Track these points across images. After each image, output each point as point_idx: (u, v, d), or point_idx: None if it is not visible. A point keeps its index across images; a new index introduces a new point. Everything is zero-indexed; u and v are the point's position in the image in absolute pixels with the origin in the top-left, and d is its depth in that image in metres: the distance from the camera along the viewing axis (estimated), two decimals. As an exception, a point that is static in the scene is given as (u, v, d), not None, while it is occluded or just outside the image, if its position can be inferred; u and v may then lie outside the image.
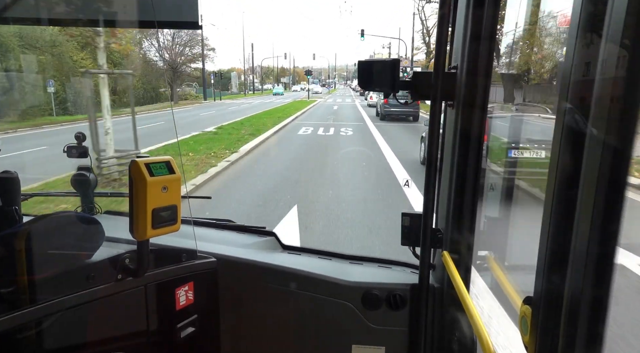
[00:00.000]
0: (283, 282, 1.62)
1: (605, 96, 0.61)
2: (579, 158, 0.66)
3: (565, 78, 0.70)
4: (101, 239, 1.34)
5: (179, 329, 1.47)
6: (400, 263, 1.73)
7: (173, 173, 1.21)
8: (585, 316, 0.66)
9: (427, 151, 1.37)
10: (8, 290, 1.16)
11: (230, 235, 1.94)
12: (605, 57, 0.61)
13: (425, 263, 1.45)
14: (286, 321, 1.68)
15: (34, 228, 1.26)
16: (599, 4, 0.63)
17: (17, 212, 1.56)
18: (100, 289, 1.27)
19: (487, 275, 2.05)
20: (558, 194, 0.72)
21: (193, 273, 1.52)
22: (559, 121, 0.71)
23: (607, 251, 0.63)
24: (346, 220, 6.15)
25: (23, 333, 1.13)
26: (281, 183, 8.67)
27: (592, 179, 0.62)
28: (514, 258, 1.68)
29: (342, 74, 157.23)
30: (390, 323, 1.56)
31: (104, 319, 1.32)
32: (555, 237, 0.72)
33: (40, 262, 1.21)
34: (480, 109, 1.30)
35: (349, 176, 9.52)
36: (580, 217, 0.65)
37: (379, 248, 5.05)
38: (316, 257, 1.80)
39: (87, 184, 1.92)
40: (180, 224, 1.25)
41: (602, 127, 0.61)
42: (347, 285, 1.57)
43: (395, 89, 1.38)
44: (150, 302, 1.40)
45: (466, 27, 1.28)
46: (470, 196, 1.37)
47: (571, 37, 0.69)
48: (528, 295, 0.81)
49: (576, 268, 0.66)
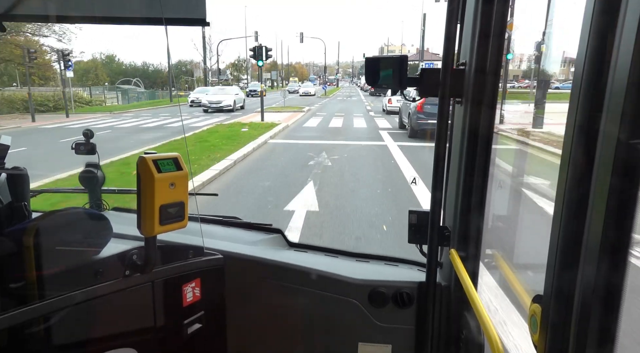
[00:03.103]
0: (290, 280, 1.62)
1: (618, 93, 0.60)
2: (592, 154, 0.65)
3: (577, 75, 0.69)
4: (109, 235, 1.35)
5: (186, 325, 1.48)
6: (407, 261, 1.72)
7: (181, 169, 1.21)
8: (597, 315, 0.65)
9: (435, 148, 1.36)
10: (17, 285, 1.17)
11: (236, 232, 1.94)
12: (619, 53, 0.60)
13: (433, 261, 1.44)
14: (292, 318, 1.68)
15: (42, 224, 1.27)
16: (611, 3, 0.62)
17: (27, 207, 1.57)
18: (108, 285, 1.27)
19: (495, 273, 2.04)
20: (569, 191, 0.70)
21: (200, 270, 1.52)
22: (571, 117, 0.70)
23: (620, 249, 0.62)
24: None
25: (32, 328, 1.14)
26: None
27: (605, 175, 0.61)
28: (523, 256, 1.67)
29: (347, 70, 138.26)
30: (397, 321, 1.56)
31: (112, 315, 1.33)
32: (566, 234, 0.71)
33: (48, 257, 1.21)
34: (489, 106, 1.29)
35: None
36: (592, 214, 0.64)
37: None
38: (322, 254, 1.80)
39: (94, 181, 1.93)
40: (187, 221, 1.25)
41: (615, 124, 0.60)
42: (354, 283, 1.57)
43: (402, 86, 1.38)
44: (157, 298, 1.41)
45: (475, 23, 1.27)
46: (478, 194, 1.36)
47: (584, 32, 0.68)
48: (538, 294, 0.80)
49: (588, 266, 0.65)
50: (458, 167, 1.39)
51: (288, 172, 8.99)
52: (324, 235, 5.29)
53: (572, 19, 0.88)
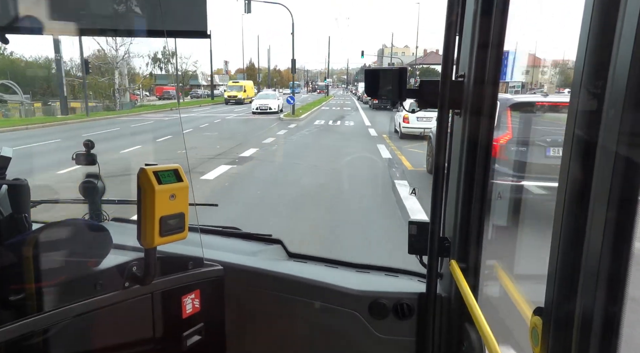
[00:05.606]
0: (289, 291, 1.62)
1: (617, 104, 0.60)
2: (591, 166, 0.65)
3: (575, 84, 0.70)
4: (109, 246, 1.34)
5: (185, 337, 1.47)
6: (408, 272, 1.72)
7: (181, 181, 1.21)
8: (599, 328, 0.65)
9: (435, 159, 1.37)
10: (16, 297, 1.16)
11: (236, 242, 1.93)
12: (617, 64, 0.61)
13: (433, 272, 1.44)
14: (293, 329, 1.67)
15: (42, 235, 1.26)
16: (610, 9, 0.63)
17: (27, 219, 1.57)
18: (108, 297, 1.26)
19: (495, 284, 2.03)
20: (569, 202, 0.71)
21: (200, 281, 1.51)
22: (570, 129, 0.71)
23: (621, 261, 0.62)
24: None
25: (31, 340, 1.13)
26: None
27: (604, 188, 0.62)
28: (523, 267, 1.67)
29: (341, 77, 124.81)
30: (398, 333, 1.55)
31: (111, 327, 1.32)
32: (567, 245, 0.71)
33: (48, 269, 1.21)
34: (488, 117, 1.30)
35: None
36: (592, 225, 0.65)
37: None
38: (322, 265, 1.79)
39: (95, 191, 1.93)
40: (187, 232, 1.25)
41: (614, 135, 0.61)
42: (354, 294, 1.56)
43: (402, 97, 1.40)
44: (156, 310, 1.40)
45: (474, 34, 1.28)
46: (478, 204, 1.36)
47: (582, 43, 0.69)
48: (539, 306, 0.80)
49: (589, 278, 0.65)
50: (458, 178, 1.39)
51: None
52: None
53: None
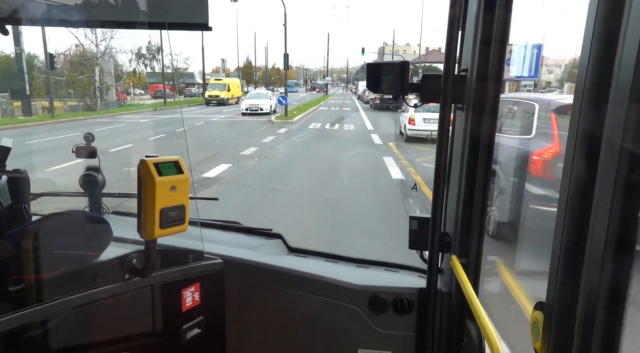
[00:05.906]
0: (289, 285, 1.61)
1: (622, 99, 0.60)
2: (595, 160, 0.64)
3: (580, 81, 0.69)
4: (109, 239, 1.34)
5: (185, 330, 1.47)
6: (408, 267, 1.71)
7: (181, 173, 1.21)
8: (600, 323, 0.65)
9: (436, 154, 1.36)
10: (16, 288, 1.16)
11: (236, 236, 1.93)
12: (623, 59, 0.60)
13: (433, 267, 1.44)
14: (292, 323, 1.67)
15: (42, 227, 1.26)
16: (616, 4, 0.62)
17: (27, 210, 1.57)
18: (108, 289, 1.26)
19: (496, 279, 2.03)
20: (572, 197, 0.70)
21: (200, 274, 1.51)
22: (574, 124, 0.70)
23: (624, 255, 0.62)
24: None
25: (31, 331, 1.14)
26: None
27: (608, 182, 0.61)
28: (524, 263, 1.66)
29: (341, 76, 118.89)
30: (397, 328, 1.55)
31: (111, 319, 1.32)
32: (569, 240, 0.71)
33: (48, 260, 1.21)
34: (490, 113, 1.29)
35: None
36: (596, 220, 0.64)
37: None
38: (322, 259, 1.79)
39: (95, 184, 1.92)
40: (188, 224, 1.25)
41: (618, 130, 0.60)
42: (354, 289, 1.56)
43: (404, 92, 1.38)
44: (156, 303, 1.40)
45: (477, 29, 1.27)
46: (479, 200, 1.35)
47: (586, 40, 0.68)
48: (539, 301, 0.80)
49: (591, 273, 0.65)
50: (459, 173, 1.38)
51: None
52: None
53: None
